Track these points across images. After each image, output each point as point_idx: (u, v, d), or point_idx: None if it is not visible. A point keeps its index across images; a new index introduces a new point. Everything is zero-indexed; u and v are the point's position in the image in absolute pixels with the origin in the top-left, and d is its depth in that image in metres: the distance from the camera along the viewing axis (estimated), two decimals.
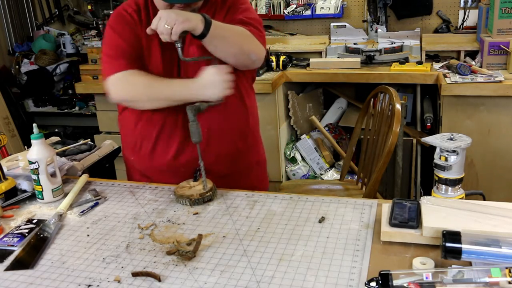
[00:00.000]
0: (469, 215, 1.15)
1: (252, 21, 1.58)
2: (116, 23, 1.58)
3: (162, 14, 1.37)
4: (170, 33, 1.36)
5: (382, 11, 3.26)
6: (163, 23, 1.35)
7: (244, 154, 1.71)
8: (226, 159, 1.65)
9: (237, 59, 1.53)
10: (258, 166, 1.81)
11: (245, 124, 1.70)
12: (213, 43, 1.44)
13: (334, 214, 1.33)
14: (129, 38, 1.55)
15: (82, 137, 3.38)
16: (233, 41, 1.49)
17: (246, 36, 1.52)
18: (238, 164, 1.70)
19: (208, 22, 1.40)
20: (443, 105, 2.63)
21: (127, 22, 1.57)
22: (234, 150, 1.67)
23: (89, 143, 1.96)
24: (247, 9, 1.62)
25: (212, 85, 1.47)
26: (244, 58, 1.53)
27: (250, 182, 1.71)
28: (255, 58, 1.55)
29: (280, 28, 3.65)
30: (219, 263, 1.14)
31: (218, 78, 1.46)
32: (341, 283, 1.04)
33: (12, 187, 1.54)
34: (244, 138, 1.70)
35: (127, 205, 1.47)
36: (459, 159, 1.26)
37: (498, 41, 2.68)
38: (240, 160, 1.70)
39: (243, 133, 1.69)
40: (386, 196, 2.97)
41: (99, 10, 4.23)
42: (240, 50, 1.51)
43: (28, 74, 4.21)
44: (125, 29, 1.56)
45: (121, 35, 1.55)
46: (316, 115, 3.32)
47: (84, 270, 1.15)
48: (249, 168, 1.76)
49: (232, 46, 1.49)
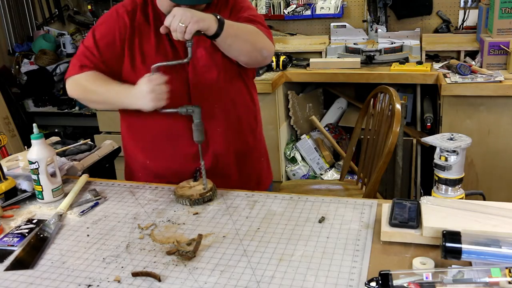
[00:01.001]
0: (469, 215, 1.15)
1: (258, 19, 1.60)
2: (101, 23, 1.61)
3: (177, 12, 1.36)
4: (184, 31, 1.35)
5: (382, 11, 3.26)
6: (177, 21, 1.34)
7: (253, 149, 1.74)
8: (240, 155, 1.68)
9: (250, 56, 1.54)
10: (265, 159, 1.84)
11: (254, 120, 1.73)
12: (227, 42, 1.45)
13: (334, 214, 1.33)
14: (106, 41, 1.56)
15: (82, 137, 3.38)
16: (246, 39, 1.50)
17: (256, 33, 1.53)
18: (248, 159, 1.72)
19: (221, 22, 1.40)
20: (443, 105, 2.63)
21: (113, 21, 1.57)
22: (245, 146, 1.70)
23: (89, 143, 1.96)
24: (249, 7, 1.64)
25: (141, 95, 1.44)
26: (257, 55, 1.55)
27: (258, 175, 1.77)
28: (267, 54, 1.57)
29: (280, 28, 3.65)
30: (219, 263, 1.14)
31: (146, 89, 1.43)
32: (341, 283, 1.04)
33: (12, 187, 1.54)
34: (253, 134, 1.73)
35: (127, 205, 1.47)
36: (459, 159, 1.26)
37: (498, 41, 2.68)
38: (250, 155, 1.73)
39: (253, 129, 1.72)
40: (386, 196, 2.97)
41: (99, 10, 4.23)
42: (253, 47, 1.52)
43: (28, 74, 4.21)
44: (106, 29, 1.57)
45: (98, 35, 1.58)
46: (316, 115, 3.32)
47: (84, 270, 1.15)
48: (259, 161, 1.79)
49: (245, 44, 1.50)
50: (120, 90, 1.53)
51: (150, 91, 1.43)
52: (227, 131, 1.63)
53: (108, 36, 1.57)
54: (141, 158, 1.69)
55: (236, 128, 1.66)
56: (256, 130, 1.75)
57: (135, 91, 1.47)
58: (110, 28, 1.57)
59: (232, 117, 1.64)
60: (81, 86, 1.59)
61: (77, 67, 1.58)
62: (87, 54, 1.58)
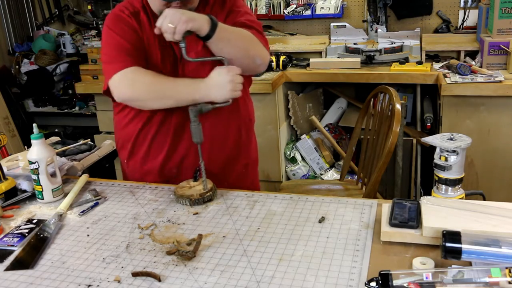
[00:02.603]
0: (469, 215, 1.15)
1: (255, 25, 1.57)
2: (114, 24, 1.54)
3: (167, 13, 1.35)
4: (173, 32, 1.33)
5: (382, 11, 3.26)
6: (167, 21, 1.33)
7: (240, 154, 1.72)
8: (226, 160, 1.67)
9: (242, 62, 1.48)
10: (252, 167, 1.81)
11: (246, 121, 1.71)
12: (218, 45, 1.42)
13: (334, 214, 1.33)
14: (131, 38, 1.51)
15: (82, 137, 3.36)
16: (239, 44, 1.47)
17: (251, 40, 1.50)
18: (235, 164, 1.71)
19: (214, 24, 1.38)
20: (443, 105, 2.63)
21: (126, 23, 1.53)
22: (233, 151, 1.68)
23: (89, 143, 1.96)
24: (246, 12, 1.61)
25: (219, 86, 1.42)
26: (249, 62, 1.51)
27: (246, 183, 1.74)
28: (260, 62, 1.54)
29: (280, 28, 3.65)
30: (219, 263, 1.14)
31: (226, 79, 1.41)
32: (341, 283, 1.04)
33: (12, 187, 1.54)
34: (240, 137, 1.70)
35: (127, 205, 1.47)
36: (459, 159, 1.26)
37: (498, 41, 2.68)
38: (235, 162, 1.71)
39: (240, 132, 1.69)
40: (386, 196, 2.97)
41: (99, 10, 4.23)
42: (246, 54, 1.49)
43: (28, 74, 4.21)
44: (124, 29, 1.52)
45: (121, 34, 1.52)
46: (316, 115, 3.32)
47: (84, 270, 1.15)
48: (245, 167, 1.76)
49: (237, 49, 1.47)
50: (189, 82, 1.47)
51: (230, 81, 1.41)
52: (213, 138, 1.60)
53: (131, 34, 1.52)
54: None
55: (223, 134, 1.63)
56: (242, 134, 1.70)
57: (211, 82, 1.42)
58: (127, 26, 1.53)
59: (220, 121, 1.61)
60: (139, 81, 1.46)
61: (118, 64, 1.47)
62: (123, 50, 1.48)
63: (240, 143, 1.70)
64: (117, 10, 1.57)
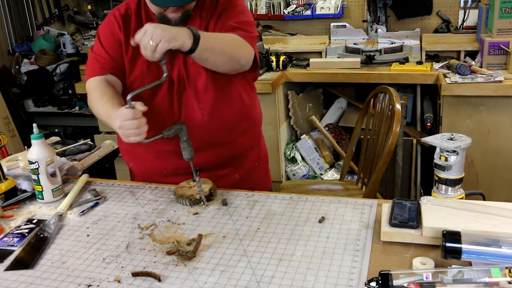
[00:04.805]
0: (469, 215, 1.15)
1: (243, 25, 1.54)
2: (102, 28, 1.61)
3: (148, 28, 1.27)
4: (154, 50, 1.26)
5: (382, 11, 3.26)
6: (147, 38, 1.26)
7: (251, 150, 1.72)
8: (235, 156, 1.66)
9: (227, 66, 1.50)
10: (262, 162, 1.81)
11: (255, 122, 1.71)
12: (202, 56, 1.40)
13: (334, 214, 1.33)
14: (112, 48, 1.56)
15: (82, 137, 3.38)
16: (223, 50, 1.45)
17: (234, 43, 1.48)
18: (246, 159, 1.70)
19: (196, 37, 1.32)
20: (443, 105, 2.63)
21: (111, 28, 1.57)
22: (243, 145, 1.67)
23: (89, 143, 1.96)
24: (240, 11, 1.58)
25: (120, 127, 1.33)
26: (234, 64, 1.51)
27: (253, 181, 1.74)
28: (245, 63, 1.53)
29: (280, 28, 3.65)
30: (219, 263, 1.14)
31: (116, 125, 1.33)
32: (341, 283, 1.04)
33: (12, 187, 1.54)
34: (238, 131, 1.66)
35: (127, 205, 1.47)
36: (459, 159, 1.26)
37: (498, 41, 2.68)
38: (246, 157, 1.70)
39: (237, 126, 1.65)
40: (386, 196, 2.97)
41: (99, 10, 4.23)
42: (230, 58, 1.48)
43: (28, 74, 4.21)
44: (108, 37, 1.57)
45: (103, 41, 1.58)
46: (316, 115, 3.32)
47: (84, 270, 1.15)
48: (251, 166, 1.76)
49: (221, 55, 1.45)
50: (105, 110, 1.46)
51: (119, 128, 1.32)
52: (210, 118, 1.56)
53: (111, 43, 1.56)
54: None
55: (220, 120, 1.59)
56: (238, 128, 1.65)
57: (114, 119, 1.35)
58: (111, 33, 1.57)
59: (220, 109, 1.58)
60: (89, 95, 1.57)
61: (88, 72, 1.59)
62: (97, 58, 1.57)
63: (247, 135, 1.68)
64: (112, 12, 1.61)
